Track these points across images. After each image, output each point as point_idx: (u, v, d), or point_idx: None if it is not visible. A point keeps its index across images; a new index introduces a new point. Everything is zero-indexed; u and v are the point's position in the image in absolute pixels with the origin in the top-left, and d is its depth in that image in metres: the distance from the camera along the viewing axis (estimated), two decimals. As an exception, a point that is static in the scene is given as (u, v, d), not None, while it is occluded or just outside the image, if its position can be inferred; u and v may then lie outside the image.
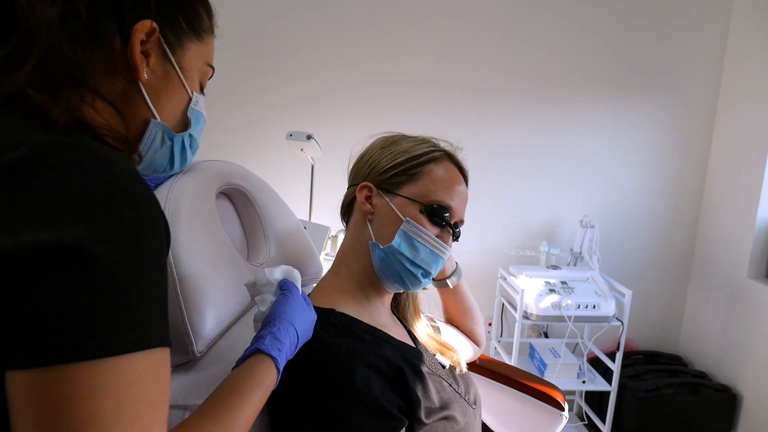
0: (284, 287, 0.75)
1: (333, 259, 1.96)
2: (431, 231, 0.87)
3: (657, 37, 2.44)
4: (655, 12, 2.41)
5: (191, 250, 0.77)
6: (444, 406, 0.82)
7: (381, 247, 0.87)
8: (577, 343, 2.44)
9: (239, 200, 1.00)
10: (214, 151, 2.31)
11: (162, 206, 0.78)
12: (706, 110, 2.52)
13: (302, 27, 2.29)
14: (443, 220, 0.87)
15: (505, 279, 2.34)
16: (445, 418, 0.81)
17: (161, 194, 0.81)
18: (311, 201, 2.06)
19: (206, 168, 0.90)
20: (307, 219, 2.06)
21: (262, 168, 1.55)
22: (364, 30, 2.31)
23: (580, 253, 2.41)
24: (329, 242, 1.94)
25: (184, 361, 0.77)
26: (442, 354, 0.95)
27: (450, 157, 0.93)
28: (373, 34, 2.32)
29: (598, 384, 2.24)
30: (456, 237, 0.92)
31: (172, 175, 0.85)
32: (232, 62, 2.28)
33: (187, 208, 0.80)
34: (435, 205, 0.87)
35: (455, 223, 0.92)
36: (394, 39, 2.33)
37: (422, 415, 0.78)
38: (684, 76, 2.48)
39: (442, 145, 0.94)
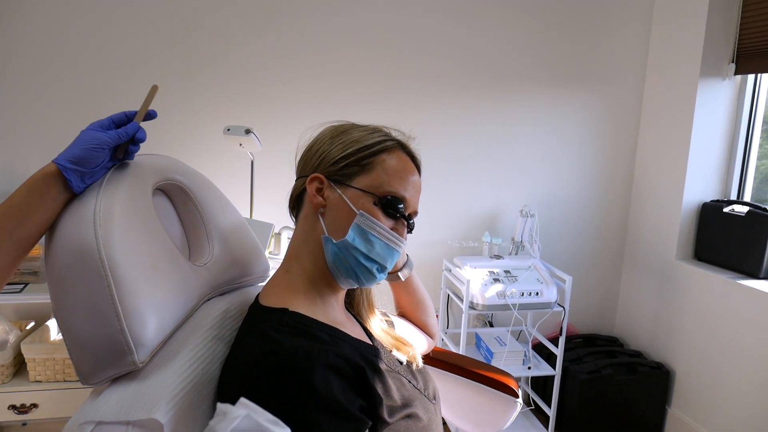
0: None
1: (276, 257, 1.90)
2: (385, 223, 0.85)
3: (585, 28, 2.52)
4: (583, 2, 2.49)
5: (127, 252, 0.71)
6: (406, 404, 0.80)
7: (334, 241, 0.83)
8: (521, 331, 2.49)
9: (177, 197, 0.93)
10: (146, 147, 2.19)
11: (93, 204, 0.71)
12: (634, 99, 2.63)
13: (239, 17, 2.20)
14: (397, 211, 0.85)
15: (450, 270, 2.36)
16: (408, 416, 0.78)
17: (91, 193, 0.74)
18: (252, 198, 1.99)
19: (140, 163, 0.84)
20: (249, 216, 1.98)
21: (198, 165, 1.47)
22: (303, 19, 2.25)
23: (521, 242, 2.46)
24: (272, 240, 1.89)
25: (124, 372, 0.71)
26: (398, 349, 0.93)
27: (402, 147, 0.91)
28: (312, 24, 2.26)
29: (543, 369, 2.30)
30: (410, 228, 0.89)
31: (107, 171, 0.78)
32: (165, 53, 2.16)
33: (120, 206, 0.74)
34: (389, 197, 0.84)
35: (409, 215, 0.89)
36: (334, 28, 2.28)
37: (385, 414, 0.75)
38: (611, 66, 2.58)
39: (394, 134, 0.92)
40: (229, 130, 1.76)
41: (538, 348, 2.46)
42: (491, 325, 2.60)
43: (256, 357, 0.71)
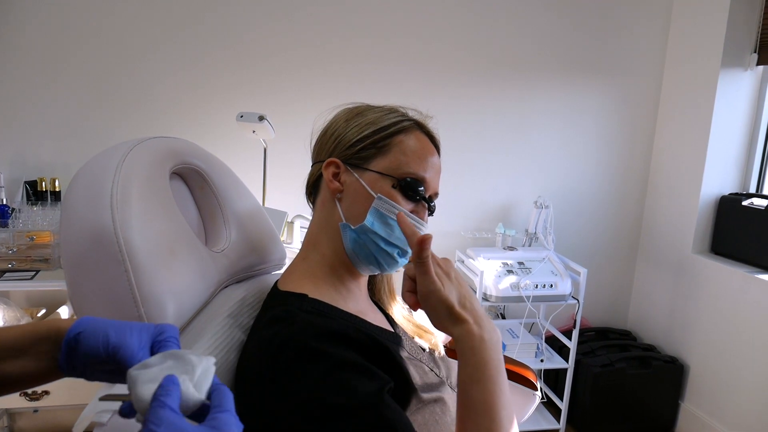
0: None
1: (290, 246, 1.88)
2: (405, 206, 0.82)
3: (603, 19, 2.47)
4: (602, -6, 2.45)
5: (146, 236, 0.69)
6: (431, 391, 0.77)
7: (352, 227, 0.81)
8: (534, 323, 2.46)
9: (194, 181, 0.91)
10: (158, 133, 2.17)
11: (110, 187, 0.69)
12: (652, 90, 2.59)
13: (252, 3, 2.17)
14: (417, 193, 0.82)
15: (463, 262, 2.33)
16: (435, 401, 0.76)
17: (107, 175, 0.71)
18: (264, 185, 1.97)
19: (158, 145, 0.81)
20: (261, 204, 1.96)
21: (211, 151, 1.46)
22: (316, 6, 2.22)
23: (535, 233, 2.42)
24: (285, 228, 1.87)
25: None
26: (420, 337, 0.91)
27: (420, 127, 0.88)
28: (326, 11, 2.23)
29: (556, 362, 2.27)
30: (431, 211, 0.87)
31: None
32: (179, 39, 2.14)
33: (138, 189, 0.71)
34: (408, 179, 0.82)
35: (430, 197, 0.87)
36: (348, 16, 2.25)
37: (418, 389, 0.73)
38: (630, 57, 2.53)
39: (411, 114, 0.89)
40: (242, 116, 1.74)
41: (551, 341, 2.43)
42: (503, 317, 2.58)
43: (273, 330, 0.69)
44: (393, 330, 0.87)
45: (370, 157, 0.82)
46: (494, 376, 0.66)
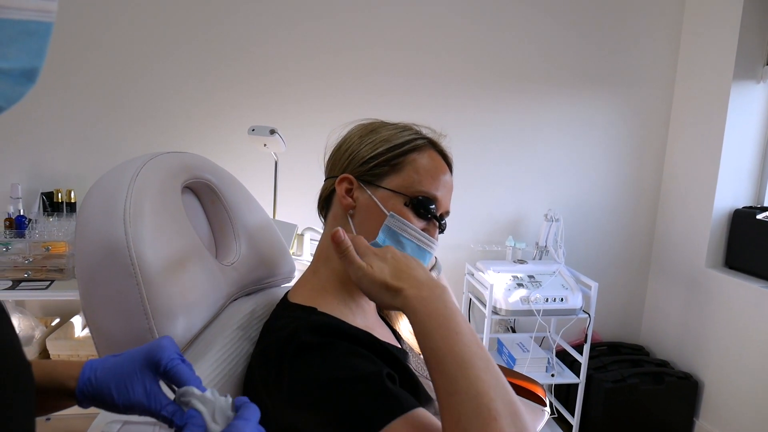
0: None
1: (299, 258, 1.89)
2: (417, 224, 0.83)
3: (614, 30, 2.48)
4: (612, 5, 2.45)
5: (157, 249, 0.70)
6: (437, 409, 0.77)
7: None
8: (545, 337, 2.45)
9: (206, 195, 0.92)
10: (168, 146, 2.20)
11: (123, 201, 0.71)
12: (663, 103, 2.58)
13: (262, 16, 2.20)
14: (429, 212, 0.83)
15: (473, 275, 2.33)
16: (436, 414, 0.76)
17: (120, 189, 0.72)
18: (275, 198, 1.98)
19: (171, 160, 0.83)
20: (272, 217, 1.98)
21: (222, 164, 1.48)
22: (327, 20, 2.25)
23: (546, 246, 2.42)
24: (295, 241, 1.88)
25: (152, 371, 0.70)
26: (427, 353, 0.91)
27: (434, 145, 0.88)
28: (336, 25, 2.26)
29: (567, 377, 2.25)
30: (442, 229, 0.87)
31: None
32: (191, 53, 2.18)
33: (151, 204, 0.73)
34: (420, 197, 0.82)
35: (441, 215, 0.87)
36: (359, 29, 2.28)
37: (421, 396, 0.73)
38: (640, 69, 2.53)
39: (425, 132, 0.89)
40: (254, 130, 1.76)
41: (562, 355, 2.41)
42: (513, 331, 2.56)
43: (286, 334, 0.69)
44: (400, 346, 0.87)
45: (383, 175, 0.83)
46: (444, 324, 0.61)
